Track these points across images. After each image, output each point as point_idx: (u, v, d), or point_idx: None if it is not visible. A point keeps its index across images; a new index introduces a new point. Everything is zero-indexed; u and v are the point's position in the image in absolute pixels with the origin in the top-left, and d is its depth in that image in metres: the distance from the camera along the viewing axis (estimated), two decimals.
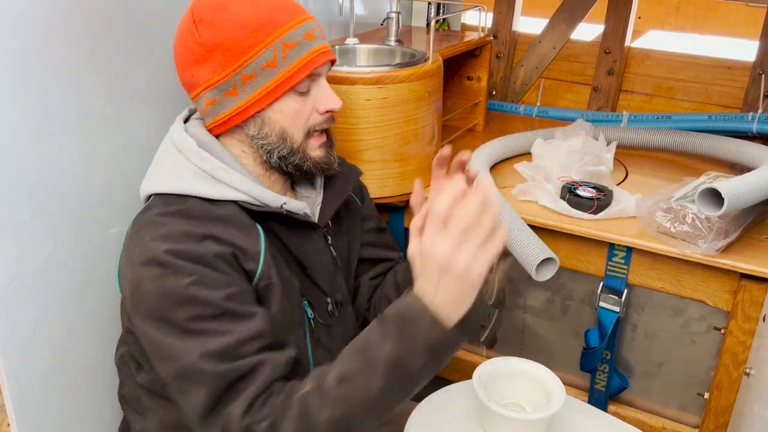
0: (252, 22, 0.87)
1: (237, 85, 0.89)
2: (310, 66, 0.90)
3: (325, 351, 1.02)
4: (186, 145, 0.90)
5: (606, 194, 1.27)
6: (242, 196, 0.90)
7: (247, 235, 0.88)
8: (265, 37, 0.87)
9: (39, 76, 0.95)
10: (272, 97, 0.89)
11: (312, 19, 0.92)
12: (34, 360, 1.03)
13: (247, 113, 0.90)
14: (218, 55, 0.88)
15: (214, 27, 0.88)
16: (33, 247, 0.99)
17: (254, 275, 0.88)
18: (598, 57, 1.85)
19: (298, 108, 0.91)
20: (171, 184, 0.90)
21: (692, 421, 1.30)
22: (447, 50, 1.51)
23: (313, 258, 0.99)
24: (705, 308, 1.20)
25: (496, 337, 1.49)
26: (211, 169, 0.89)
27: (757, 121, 1.55)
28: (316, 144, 0.95)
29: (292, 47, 0.88)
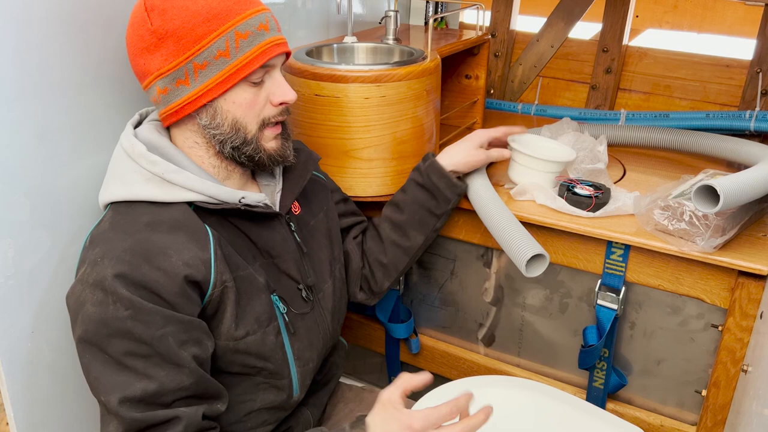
0: (205, 10, 0.88)
1: (189, 74, 0.89)
2: (263, 57, 0.90)
3: (303, 342, 1.02)
4: (136, 151, 0.90)
5: (604, 192, 1.27)
6: (196, 196, 0.90)
7: (197, 242, 0.88)
8: (218, 26, 0.88)
9: (37, 77, 0.95)
10: (224, 87, 0.90)
11: (266, 10, 0.93)
12: (32, 358, 1.03)
13: (199, 102, 0.90)
14: (170, 44, 0.88)
15: (166, 15, 0.88)
16: (30, 246, 0.99)
17: (208, 286, 0.88)
18: (596, 55, 1.85)
19: (251, 99, 0.92)
20: (123, 191, 0.90)
21: (690, 418, 1.30)
22: (445, 49, 1.51)
23: (280, 247, 1.00)
24: (703, 306, 1.21)
25: (494, 334, 1.49)
26: (163, 172, 0.89)
27: (755, 119, 1.55)
28: (270, 135, 0.96)
29: (245, 37, 0.89)
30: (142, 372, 0.82)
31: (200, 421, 0.85)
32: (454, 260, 1.47)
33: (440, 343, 1.57)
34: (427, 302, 1.56)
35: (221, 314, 0.91)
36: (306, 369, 1.04)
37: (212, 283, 0.88)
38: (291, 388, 1.02)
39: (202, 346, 0.87)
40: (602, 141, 1.43)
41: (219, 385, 0.91)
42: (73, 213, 1.05)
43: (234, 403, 0.98)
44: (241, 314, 0.93)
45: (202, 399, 0.87)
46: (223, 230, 0.94)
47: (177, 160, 0.93)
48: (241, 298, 0.93)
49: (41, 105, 0.96)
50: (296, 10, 1.50)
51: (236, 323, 0.92)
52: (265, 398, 1.00)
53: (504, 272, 1.42)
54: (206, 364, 0.89)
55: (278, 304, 0.98)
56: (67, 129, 1.01)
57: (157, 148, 0.93)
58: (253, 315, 0.94)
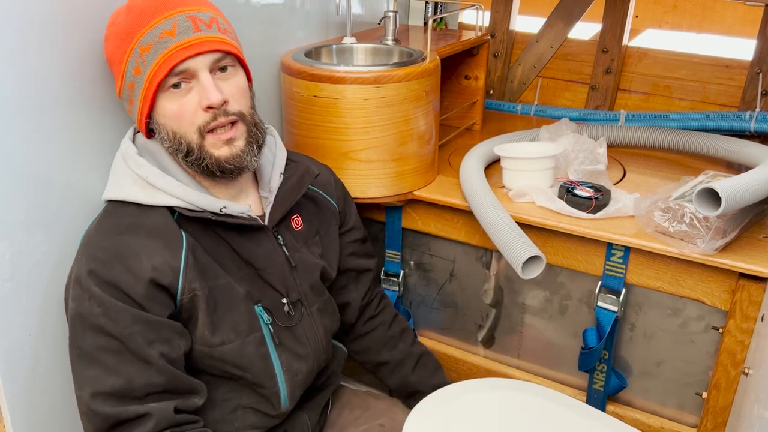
0: (122, 31, 0.90)
1: (130, 94, 0.92)
2: (168, 64, 0.87)
3: (291, 353, 1.02)
4: (128, 153, 0.94)
5: (604, 194, 1.26)
6: (176, 201, 0.91)
7: (169, 248, 0.89)
8: (128, 44, 0.89)
9: (35, 77, 0.94)
10: (148, 102, 0.90)
11: (176, 14, 0.88)
12: (30, 361, 1.02)
13: (143, 121, 0.93)
14: (113, 69, 0.94)
15: (107, 42, 0.94)
16: (27, 248, 0.98)
17: (176, 291, 0.90)
18: (596, 56, 1.85)
19: (177, 108, 0.90)
20: (114, 191, 0.94)
21: (690, 420, 1.30)
22: (444, 49, 1.50)
23: (264, 260, 0.99)
24: (703, 308, 1.20)
25: (494, 336, 1.49)
26: (147, 175, 0.91)
27: (755, 120, 1.55)
28: (216, 142, 0.91)
29: (148, 50, 0.88)
30: (113, 367, 0.85)
31: (173, 416, 0.87)
32: (453, 262, 1.47)
33: (439, 344, 1.56)
34: (427, 304, 1.55)
35: (194, 320, 0.93)
36: (295, 380, 1.03)
37: (180, 289, 0.90)
38: (278, 399, 1.01)
39: (172, 344, 0.89)
40: (602, 143, 1.43)
41: (193, 381, 0.92)
42: (70, 214, 1.04)
43: (218, 401, 0.99)
44: (217, 322, 0.94)
45: (175, 394, 0.89)
46: (205, 238, 0.94)
47: (165, 165, 0.94)
48: (217, 306, 0.94)
49: (38, 106, 0.96)
50: (295, 10, 1.49)
51: (211, 330, 0.93)
52: (249, 399, 1.01)
53: (503, 274, 1.41)
54: (178, 362, 0.90)
55: (262, 315, 0.98)
56: (65, 130, 1.01)
57: (150, 152, 0.95)
58: (230, 324, 0.95)
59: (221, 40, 0.90)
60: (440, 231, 1.43)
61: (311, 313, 1.06)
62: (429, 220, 1.44)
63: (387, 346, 1.26)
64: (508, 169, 1.37)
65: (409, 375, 1.26)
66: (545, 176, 1.34)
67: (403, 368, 1.26)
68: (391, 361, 1.26)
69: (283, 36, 1.47)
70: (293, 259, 1.03)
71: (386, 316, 1.28)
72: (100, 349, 0.86)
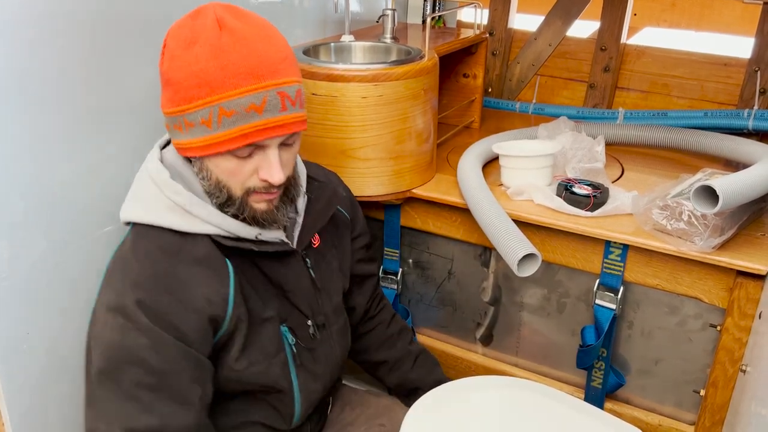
0: (201, 74, 0.83)
1: (181, 125, 0.87)
2: (244, 139, 0.84)
3: (309, 374, 1.02)
4: (161, 178, 0.89)
5: (602, 191, 1.26)
6: (215, 229, 0.89)
7: (218, 276, 0.88)
8: (205, 95, 0.83)
9: (33, 78, 0.94)
10: (205, 153, 0.86)
11: (269, 87, 0.84)
12: (28, 360, 1.02)
13: (188, 153, 0.89)
14: (170, 91, 0.86)
15: (173, 62, 0.85)
16: (25, 247, 0.98)
17: (222, 321, 0.88)
18: (594, 54, 1.85)
19: (234, 168, 0.87)
20: (146, 215, 0.89)
21: (688, 418, 1.30)
22: (443, 47, 1.50)
23: (293, 283, 0.98)
24: (701, 305, 1.20)
25: (492, 334, 1.49)
26: (185, 203, 0.88)
27: (753, 118, 1.55)
28: (258, 199, 0.90)
29: (228, 115, 0.83)
30: (148, 405, 0.81)
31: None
32: (451, 260, 1.47)
33: (438, 342, 1.57)
34: (425, 302, 1.55)
35: (229, 346, 0.91)
36: (310, 399, 1.04)
37: (228, 318, 0.88)
38: (292, 417, 1.02)
39: (206, 388, 0.87)
40: (600, 141, 1.43)
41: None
42: (68, 214, 1.04)
43: (231, 411, 0.98)
44: (248, 346, 0.93)
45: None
46: (239, 262, 0.92)
47: (197, 190, 0.91)
48: (249, 330, 0.93)
49: (36, 106, 0.95)
50: (293, 8, 1.49)
51: (241, 354, 0.92)
52: (262, 414, 1.00)
53: (502, 272, 1.41)
54: (207, 409, 0.88)
55: (287, 335, 0.98)
56: (62, 130, 1.00)
57: (180, 176, 0.91)
58: (258, 346, 0.94)
59: (301, 119, 0.89)
60: (439, 229, 1.43)
61: (331, 333, 1.06)
62: (427, 219, 1.44)
63: (386, 345, 1.26)
64: (506, 167, 1.37)
65: (407, 373, 1.26)
66: (543, 174, 1.34)
67: (402, 367, 1.26)
68: (389, 360, 1.26)
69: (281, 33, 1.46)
70: (319, 282, 1.03)
71: (385, 315, 1.28)
72: (138, 385, 0.81)
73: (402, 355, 1.26)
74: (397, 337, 1.27)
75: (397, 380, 1.27)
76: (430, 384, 1.18)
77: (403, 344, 1.27)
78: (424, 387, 1.20)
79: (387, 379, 1.28)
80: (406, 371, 1.26)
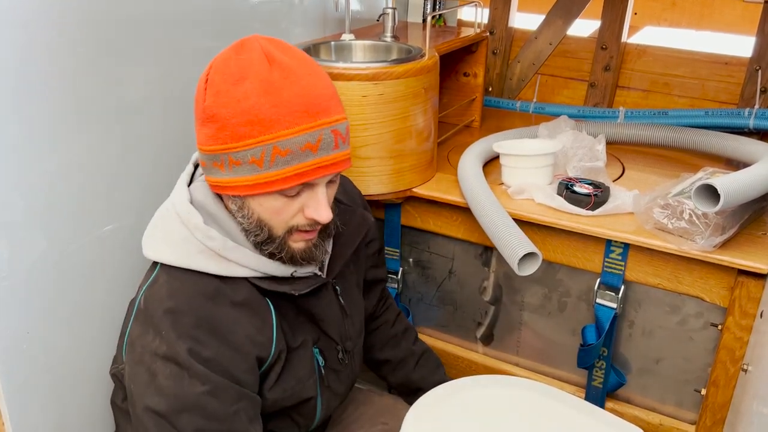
0: (253, 111, 0.79)
1: (224, 162, 0.83)
2: (298, 179, 0.81)
3: (333, 393, 1.03)
4: (192, 223, 0.86)
5: (603, 190, 1.26)
6: (252, 272, 0.88)
7: (260, 316, 0.88)
8: (258, 134, 0.80)
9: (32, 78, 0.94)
10: (251, 192, 0.83)
11: (324, 126, 0.82)
12: (28, 359, 1.02)
13: (229, 191, 0.85)
14: (214, 127, 0.82)
15: (219, 98, 0.81)
16: (25, 247, 0.98)
17: (267, 359, 0.89)
18: (595, 53, 1.85)
19: (280, 207, 0.85)
20: (177, 258, 0.86)
21: (689, 417, 1.30)
22: (443, 46, 1.50)
23: (323, 312, 0.98)
24: (702, 304, 1.20)
25: (493, 333, 1.49)
26: (219, 249, 0.85)
27: (754, 117, 1.55)
28: (298, 238, 0.89)
29: (283, 155, 0.80)
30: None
31: None
32: (452, 259, 1.47)
33: (438, 341, 1.56)
34: (426, 301, 1.55)
35: (267, 377, 0.92)
36: (327, 414, 1.05)
37: (272, 355, 0.89)
38: (308, 428, 1.03)
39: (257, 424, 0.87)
40: (601, 139, 1.43)
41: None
42: (68, 214, 1.04)
43: None
44: (282, 374, 0.93)
45: None
46: (277, 301, 0.92)
47: (232, 232, 0.88)
48: (287, 361, 0.93)
49: (36, 106, 0.95)
50: (293, 6, 1.49)
51: (277, 382, 0.93)
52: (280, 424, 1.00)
53: (502, 271, 1.41)
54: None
55: (318, 357, 0.98)
56: (62, 130, 1.00)
57: (213, 216, 0.88)
58: (292, 373, 0.95)
59: (349, 156, 0.87)
60: (439, 228, 1.43)
61: (353, 355, 1.07)
62: (428, 218, 1.44)
63: (389, 344, 1.26)
64: (507, 167, 1.37)
65: (410, 373, 1.26)
66: (544, 173, 1.34)
67: (405, 366, 1.26)
68: (393, 360, 1.26)
69: (281, 33, 1.47)
70: (347, 308, 1.03)
71: (390, 314, 1.28)
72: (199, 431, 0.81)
73: (405, 354, 1.26)
74: (401, 336, 1.27)
75: (400, 380, 1.27)
76: (432, 385, 1.18)
77: (406, 344, 1.27)
78: (426, 387, 1.20)
79: (390, 378, 1.28)
80: (409, 371, 1.26)
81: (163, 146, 1.19)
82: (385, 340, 1.26)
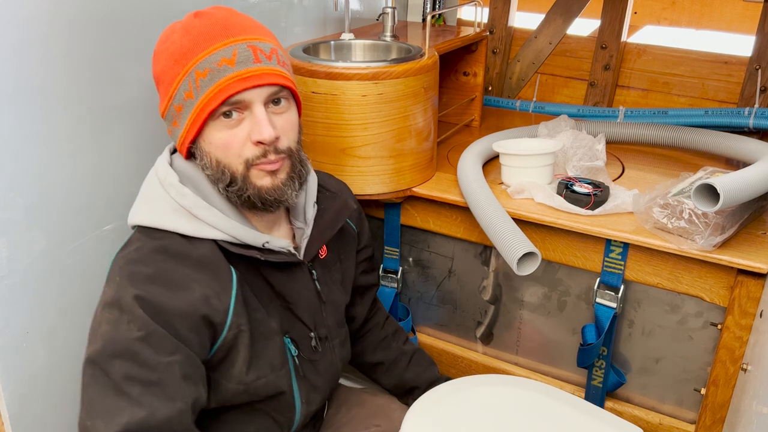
0: (177, 51, 0.85)
1: (175, 116, 0.88)
2: (223, 94, 0.83)
3: (311, 385, 1.02)
4: (168, 180, 0.88)
5: (603, 190, 1.26)
6: (221, 234, 0.88)
7: (220, 281, 0.86)
8: (182, 66, 0.85)
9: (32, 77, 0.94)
10: (195, 128, 0.85)
11: (238, 42, 0.85)
12: (28, 358, 1.02)
13: (185, 145, 0.88)
14: (161, 88, 0.89)
15: (157, 59, 0.89)
16: (25, 245, 0.98)
17: (222, 328, 0.86)
18: (595, 52, 1.85)
19: (226, 139, 0.86)
20: (151, 218, 0.88)
21: (689, 416, 1.30)
22: (443, 46, 1.50)
23: (297, 294, 0.97)
24: (702, 304, 1.20)
25: (492, 333, 1.49)
26: (191, 206, 0.87)
27: (754, 116, 1.55)
28: (260, 172, 0.88)
29: (204, 75, 0.83)
30: (136, 399, 0.78)
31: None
32: (452, 258, 1.47)
33: (438, 341, 1.56)
34: (425, 300, 1.55)
35: (233, 357, 0.90)
36: (309, 410, 1.03)
37: (228, 326, 0.87)
38: (290, 427, 1.02)
39: (199, 389, 0.84)
40: (600, 139, 1.43)
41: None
42: (67, 213, 1.04)
43: (229, 421, 0.97)
44: (254, 358, 0.92)
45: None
46: (244, 270, 0.91)
47: (207, 194, 0.90)
48: (255, 341, 0.91)
49: (36, 105, 0.95)
50: (293, 6, 1.49)
51: (248, 367, 0.91)
52: (261, 425, 1.00)
53: (502, 270, 1.41)
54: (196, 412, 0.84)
55: (290, 346, 0.97)
56: (62, 129, 1.00)
57: (190, 179, 0.90)
58: (266, 359, 0.93)
59: (280, 74, 0.87)
60: (439, 228, 1.43)
61: (333, 346, 1.06)
62: (427, 217, 1.44)
63: (381, 346, 1.26)
64: (506, 166, 1.37)
65: (403, 372, 1.26)
66: (544, 173, 1.34)
67: (398, 367, 1.26)
68: (385, 361, 1.26)
69: (281, 32, 1.47)
70: (323, 294, 1.02)
71: (379, 317, 1.28)
72: (127, 378, 0.78)
73: (397, 355, 1.26)
74: (392, 338, 1.27)
75: (394, 381, 1.27)
76: (426, 382, 1.18)
77: (397, 345, 1.27)
78: (421, 385, 1.20)
79: (383, 381, 1.28)
80: (402, 371, 1.26)
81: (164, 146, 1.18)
82: (376, 342, 1.26)
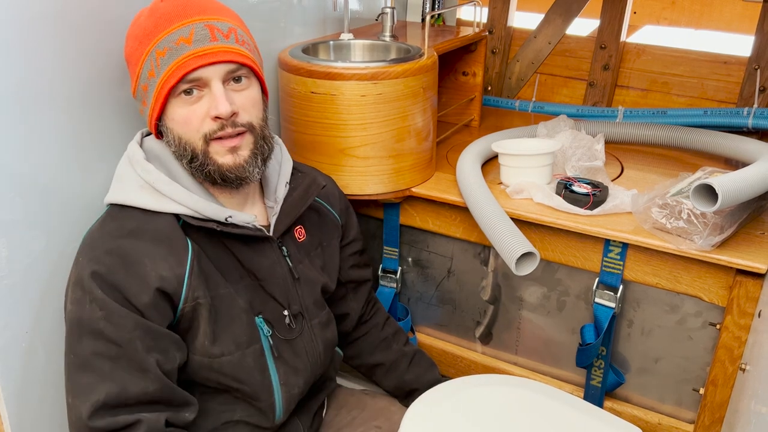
0: (141, 33, 0.90)
1: (143, 95, 0.93)
2: (180, 71, 0.87)
3: (290, 367, 1.01)
4: (135, 158, 0.93)
5: (602, 190, 1.26)
6: (182, 208, 0.90)
7: (175, 255, 0.89)
8: (145, 47, 0.90)
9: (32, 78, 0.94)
10: (158, 106, 0.90)
11: (195, 21, 0.89)
12: (27, 358, 1.02)
13: (153, 123, 0.93)
14: (130, 68, 0.95)
15: (126, 41, 0.95)
16: (24, 245, 0.98)
17: (179, 300, 0.89)
18: (594, 52, 1.85)
19: (186, 114, 0.90)
20: (119, 194, 0.92)
21: (688, 416, 1.30)
22: (442, 45, 1.50)
23: (267, 270, 0.98)
24: (700, 304, 1.20)
25: (492, 332, 1.49)
26: (154, 181, 0.90)
27: (753, 116, 1.55)
28: (220, 149, 0.91)
29: (163, 54, 0.88)
30: (108, 374, 0.84)
31: (163, 428, 0.86)
32: (451, 258, 1.47)
33: (437, 341, 1.56)
34: (425, 300, 1.55)
35: (195, 330, 0.92)
36: (291, 394, 1.02)
37: (183, 298, 0.89)
38: (273, 412, 1.01)
39: (168, 355, 0.88)
40: (599, 139, 1.43)
41: (186, 395, 0.91)
42: (67, 212, 1.04)
43: (211, 412, 0.98)
44: (218, 333, 0.93)
45: (167, 406, 0.88)
46: (209, 247, 0.93)
47: (173, 171, 0.93)
48: (219, 316, 0.93)
49: (35, 105, 0.95)
50: (292, 6, 1.49)
51: (212, 341, 0.93)
52: (244, 412, 1.00)
53: (501, 270, 1.41)
54: (172, 374, 0.90)
55: (262, 326, 0.98)
56: (62, 129, 1.00)
57: (158, 158, 0.94)
58: (230, 336, 0.94)
59: (237, 51, 0.90)
60: (438, 228, 1.43)
61: (312, 327, 1.06)
62: (427, 217, 1.44)
63: (380, 347, 1.26)
64: (505, 166, 1.37)
65: (404, 374, 1.25)
66: (543, 173, 1.34)
67: (398, 368, 1.26)
68: (385, 363, 1.26)
69: (280, 32, 1.46)
70: (296, 271, 1.03)
71: (378, 318, 1.28)
72: (96, 355, 0.84)
73: (397, 357, 1.26)
74: (392, 339, 1.27)
75: (394, 382, 1.26)
76: (427, 384, 1.18)
77: (397, 346, 1.27)
78: (421, 387, 1.20)
79: (384, 383, 1.28)
80: (402, 373, 1.25)
81: None
82: (375, 343, 1.26)
